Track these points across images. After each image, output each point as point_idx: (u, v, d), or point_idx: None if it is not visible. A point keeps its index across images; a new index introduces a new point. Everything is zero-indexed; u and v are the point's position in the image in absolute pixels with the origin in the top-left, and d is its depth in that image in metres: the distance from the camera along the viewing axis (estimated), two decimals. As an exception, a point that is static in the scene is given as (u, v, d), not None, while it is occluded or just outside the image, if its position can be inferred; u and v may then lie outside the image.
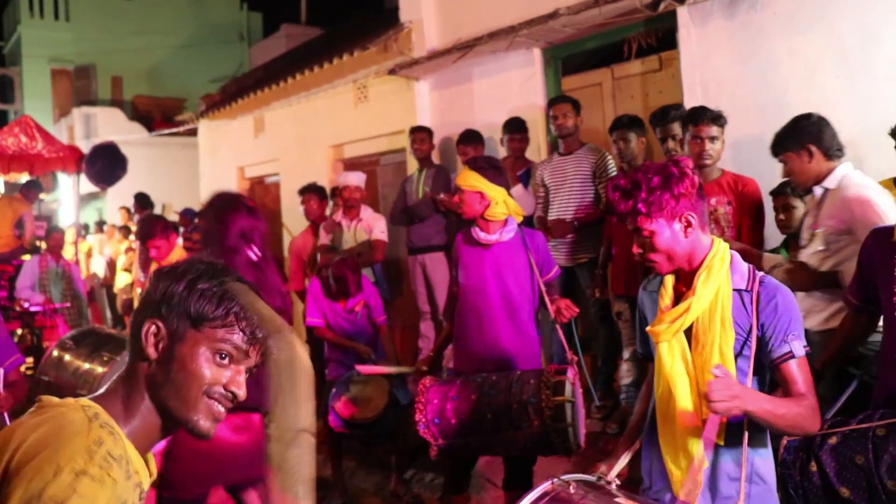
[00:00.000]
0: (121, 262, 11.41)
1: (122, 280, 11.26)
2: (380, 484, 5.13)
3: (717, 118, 4.07)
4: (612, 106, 6.12)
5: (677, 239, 2.20)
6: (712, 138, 4.06)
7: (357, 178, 6.25)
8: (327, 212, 6.93)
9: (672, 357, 2.22)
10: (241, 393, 1.42)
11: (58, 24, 22.05)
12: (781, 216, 4.10)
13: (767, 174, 4.21)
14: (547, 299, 3.56)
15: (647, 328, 2.31)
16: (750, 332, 2.19)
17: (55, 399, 1.30)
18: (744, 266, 2.28)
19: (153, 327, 1.39)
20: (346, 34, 11.37)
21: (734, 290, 2.22)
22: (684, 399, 2.20)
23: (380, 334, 5.38)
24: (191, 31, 22.89)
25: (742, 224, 4.09)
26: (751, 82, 4.88)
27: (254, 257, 3.13)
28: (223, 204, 3.25)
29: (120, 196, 14.18)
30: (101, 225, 14.63)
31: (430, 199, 6.30)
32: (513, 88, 6.60)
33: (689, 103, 4.99)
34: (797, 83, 4.68)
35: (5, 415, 3.14)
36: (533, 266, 3.62)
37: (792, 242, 4.03)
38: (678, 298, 2.28)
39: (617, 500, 2.03)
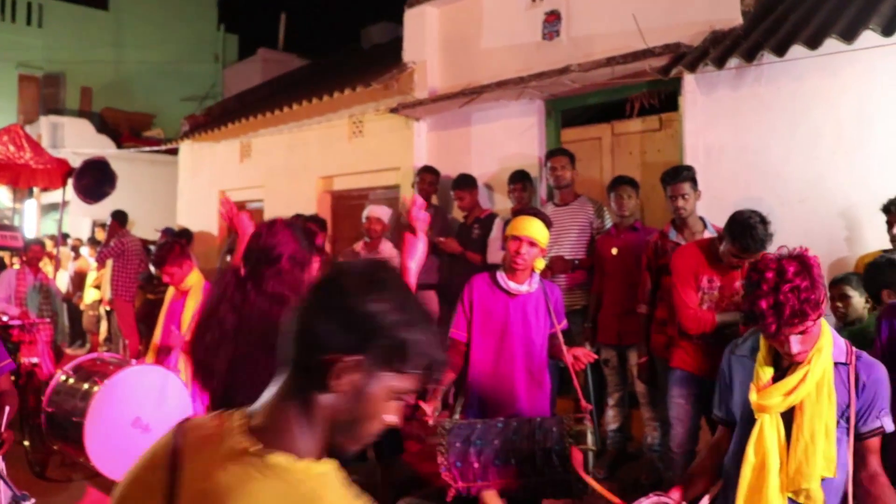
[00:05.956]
0: (90, 278, 11.19)
1: (90, 296, 11.03)
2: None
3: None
4: (611, 160, 6.33)
5: (820, 328, 2.27)
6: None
7: (380, 211, 6.32)
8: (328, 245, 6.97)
9: (773, 429, 2.29)
10: (396, 422, 1.32)
11: (29, 29, 21.63)
12: (839, 304, 3.97)
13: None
14: (563, 348, 3.63)
15: (753, 399, 2.34)
16: (848, 405, 2.27)
17: (282, 458, 1.18)
18: (840, 339, 2.36)
19: (351, 363, 1.21)
20: (333, 67, 11.50)
21: (834, 363, 2.31)
22: (774, 472, 2.27)
23: None
24: (165, 48, 22.65)
25: None
26: (752, 150, 5.12)
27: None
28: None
29: (80, 209, 13.86)
30: (65, 237, 14.32)
31: (429, 240, 6.42)
32: (512, 136, 6.76)
33: (690, 164, 5.22)
34: (796, 155, 4.94)
35: None
36: (552, 316, 3.72)
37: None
38: (777, 369, 2.35)
39: None
